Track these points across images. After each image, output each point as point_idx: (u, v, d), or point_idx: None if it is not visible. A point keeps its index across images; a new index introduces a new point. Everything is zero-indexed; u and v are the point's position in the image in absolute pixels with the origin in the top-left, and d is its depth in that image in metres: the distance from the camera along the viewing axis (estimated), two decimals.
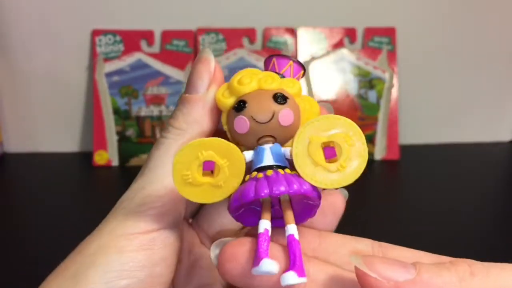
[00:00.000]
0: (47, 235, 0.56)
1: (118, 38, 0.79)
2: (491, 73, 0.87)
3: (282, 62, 0.25)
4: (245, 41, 0.81)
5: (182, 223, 0.27)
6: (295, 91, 0.24)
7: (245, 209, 0.24)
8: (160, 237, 0.25)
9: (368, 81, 0.82)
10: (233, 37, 0.80)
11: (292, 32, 0.81)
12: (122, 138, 0.79)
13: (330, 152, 0.23)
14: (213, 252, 0.23)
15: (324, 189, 0.23)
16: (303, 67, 0.26)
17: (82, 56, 0.81)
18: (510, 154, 0.85)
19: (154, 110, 0.79)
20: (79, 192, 0.71)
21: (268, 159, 0.23)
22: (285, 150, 0.24)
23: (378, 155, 0.81)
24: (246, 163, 0.23)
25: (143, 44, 0.80)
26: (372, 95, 0.82)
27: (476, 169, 0.77)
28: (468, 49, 0.86)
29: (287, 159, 0.24)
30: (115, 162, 0.79)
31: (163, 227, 0.25)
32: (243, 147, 0.24)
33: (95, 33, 0.79)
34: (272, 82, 0.24)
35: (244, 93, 0.23)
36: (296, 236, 0.22)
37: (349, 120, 0.22)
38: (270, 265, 0.21)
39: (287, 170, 0.23)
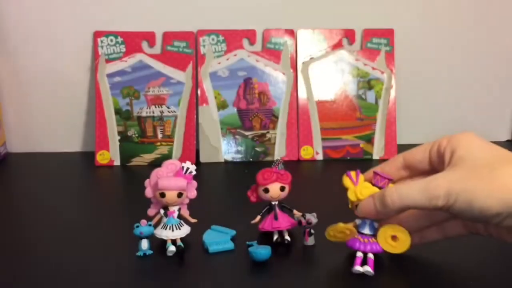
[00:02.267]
0: (50, 234, 0.57)
1: (119, 39, 0.80)
2: (488, 74, 0.88)
3: (376, 178, 0.47)
4: (245, 42, 0.82)
5: None
6: None
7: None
8: None
9: (366, 82, 0.83)
10: (233, 38, 0.81)
11: (292, 33, 0.82)
12: (124, 138, 0.80)
13: (393, 237, 0.48)
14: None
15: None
16: (389, 179, 0.47)
17: (84, 57, 0.82)
18: None
19: (155, 111, 0.80)
20: (82, 192, 0.72)
21: (368, 230, 0.48)
22: (374, 224, 0.48)
23: (377, 155, 0.82)
24: (355, 226, 0.48)
25: (145, 45, 0.81)
26: (370, 96, 0.83)
27: None
28: (465, 50, 0.87)
29: (375, 228, 0.48)
30: (117, 162, 0.80)
31: None
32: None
33: (97, 34, 0.80)
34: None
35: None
36: (372, 258, 0.47)
37: (403, 229, 0.47)
38: (359, 269, 0.47)
39: (373, 240, 0.48)
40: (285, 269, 0.49)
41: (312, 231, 0.52)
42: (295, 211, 0.54)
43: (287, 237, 0.52)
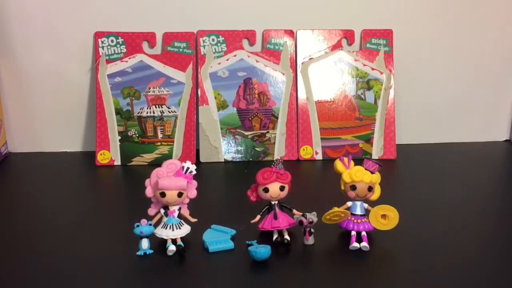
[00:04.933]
0: (51, 233, 0.57)
1: (120, 40, 0.81)
2: (486, 74, 0.88)
3: (367, 163, 0.54)
4: (245, 42, 0.82)
5: None
6: (375, 179, 0.54)
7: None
8: None
9: (366, 82, 0.83)
10: (233, 39, 0.82)
11: (291, 34, 0.82)
12: (124, 138, 0.80)
13: (383, 216, 0.54)
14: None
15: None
16: (379, 165, 0.54)
17: (85, 58, 0.82)
18: (505, 153, 0.86)
19: (156, 111, 0.81)
20: (82, 191, 0.72)
21: (359, 211, 0.54)
22: (364, 205, 0.55)
23: (376, 155, 0.82)
24: (349, 208, 0.55)
25: (145, 45, 0.81)
26: (369, 96, 0.83)
27: (471, 168, 0.78)
28: (464, 51, 0.87)
29: (365, 209, 0.55)
30: (117, 162, 0.80)
31: None
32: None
33: (98, 35, 0.80)
34: (368, 178, 0.53)
35: (356, 182, 0.53)
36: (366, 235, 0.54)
37: (392, 208, 0.53)
38: (356, 245, 0.52)
39: (365, 219, 0.54)
40: (285, 268, 0.49)
41: (312, 230, 0.53)
42: (294, 211, 0.54)
43: (287, 237, 0.52)
